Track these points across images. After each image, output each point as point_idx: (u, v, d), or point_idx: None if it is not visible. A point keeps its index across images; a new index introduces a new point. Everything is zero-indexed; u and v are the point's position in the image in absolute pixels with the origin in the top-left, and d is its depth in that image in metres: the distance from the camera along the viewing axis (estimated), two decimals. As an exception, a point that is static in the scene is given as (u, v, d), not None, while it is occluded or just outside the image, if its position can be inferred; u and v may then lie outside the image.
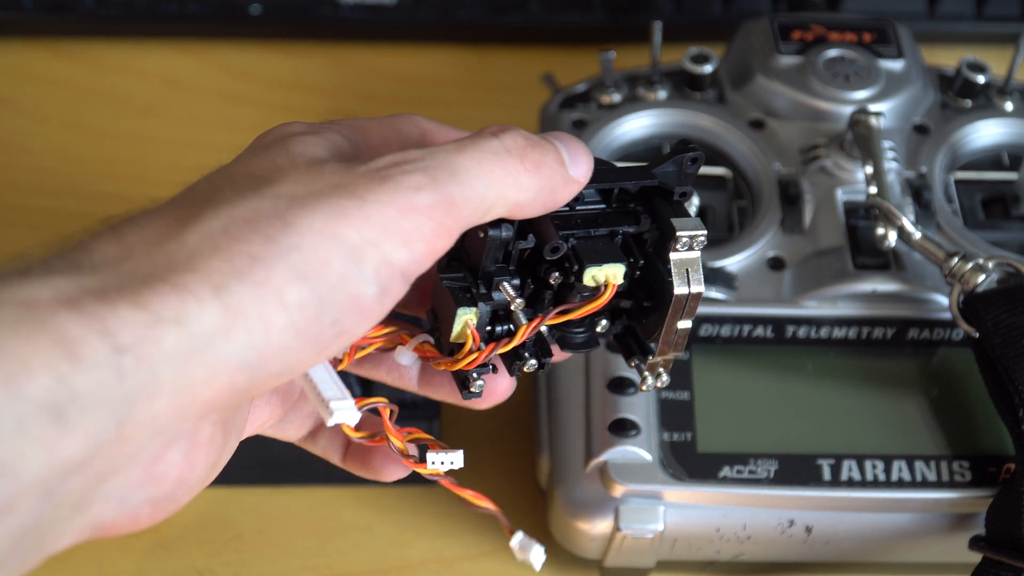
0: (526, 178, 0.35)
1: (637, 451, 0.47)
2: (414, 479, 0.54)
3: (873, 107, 0.55)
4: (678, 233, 0.37)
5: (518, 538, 0.39)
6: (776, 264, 0.52)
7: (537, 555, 0.39)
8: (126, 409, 0.28)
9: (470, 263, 0.37)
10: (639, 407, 0.48)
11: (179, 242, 0.30)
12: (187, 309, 0.29)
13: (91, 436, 0.28)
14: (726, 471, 0.47)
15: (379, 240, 0.32)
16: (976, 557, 0.46)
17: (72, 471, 0.28)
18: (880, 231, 0.50)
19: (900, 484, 0.47)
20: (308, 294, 0.31)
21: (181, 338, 0.29)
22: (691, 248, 0.37)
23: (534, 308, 0.38)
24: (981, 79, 0.58)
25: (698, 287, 0.37)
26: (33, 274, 0.29)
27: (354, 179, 0.32)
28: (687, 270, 0.37)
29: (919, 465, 0.48)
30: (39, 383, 0.27)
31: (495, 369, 0.38)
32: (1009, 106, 0.58)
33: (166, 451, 0.33)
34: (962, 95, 0.58)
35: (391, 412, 0.38)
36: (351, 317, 0.32)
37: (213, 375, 0.30)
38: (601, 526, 0.47)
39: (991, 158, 0.57)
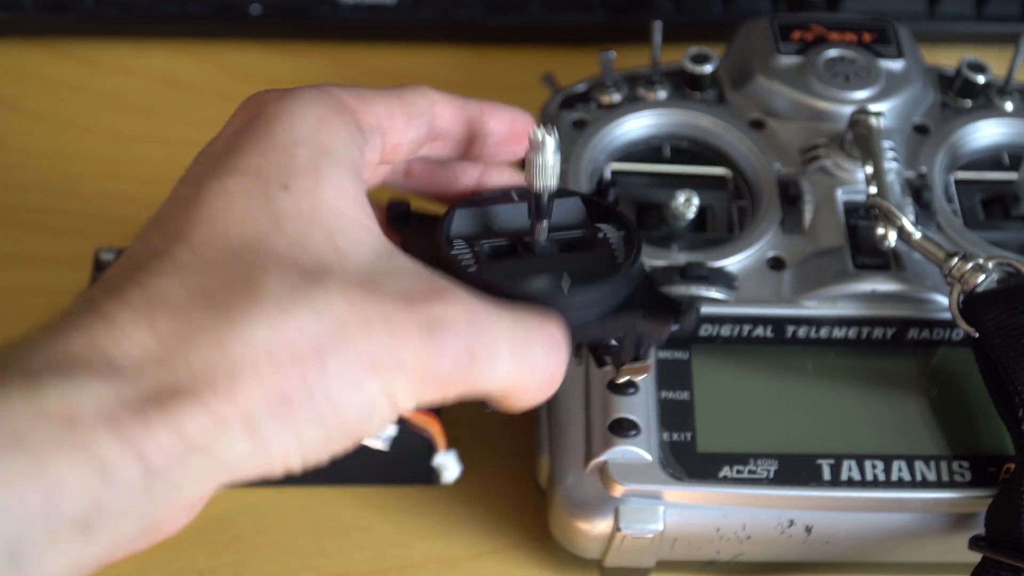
0: (536, 387, 0.37)
1: (637, 451, 0.47)
2: (413, 479, 0.54)
3: (873, 107, 0.55)
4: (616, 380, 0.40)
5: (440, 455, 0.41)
6: (776, 264, 0.52)
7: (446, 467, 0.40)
8: (150, 517, 0.30)
9: None
10: (639, 407, 0.48)
11: (219, 348, 0.31)
12: (219, 440, 0.31)
13: (114, 540, 0.30)
14: (726, 471, 0.47)
15: (396, 392, 0.33)
16: (976, 557, 0.46)
17: (91, 566, 0.30)
18: (880, 231, 0.50)
19: (900, 484, 0.47)
20: (322, 435, 0.33)
21: (209, 464, 0.31)
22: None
23: None
24: (981, 79, 0.58)
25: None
26: (74, 376, 0.30)
27: (404, 321, 0.33)
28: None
29: (919, 465, 0.48)
30: (75, 502, 0.29)
31: None
32: (1009, 106, 0.58)
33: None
34: (962, 95, 0.58)
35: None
36: (348, 447, 0.34)
37: (231, 482, 0.32)
38: (601, 526, 0.47)
39: (991, 158, 0.57)
